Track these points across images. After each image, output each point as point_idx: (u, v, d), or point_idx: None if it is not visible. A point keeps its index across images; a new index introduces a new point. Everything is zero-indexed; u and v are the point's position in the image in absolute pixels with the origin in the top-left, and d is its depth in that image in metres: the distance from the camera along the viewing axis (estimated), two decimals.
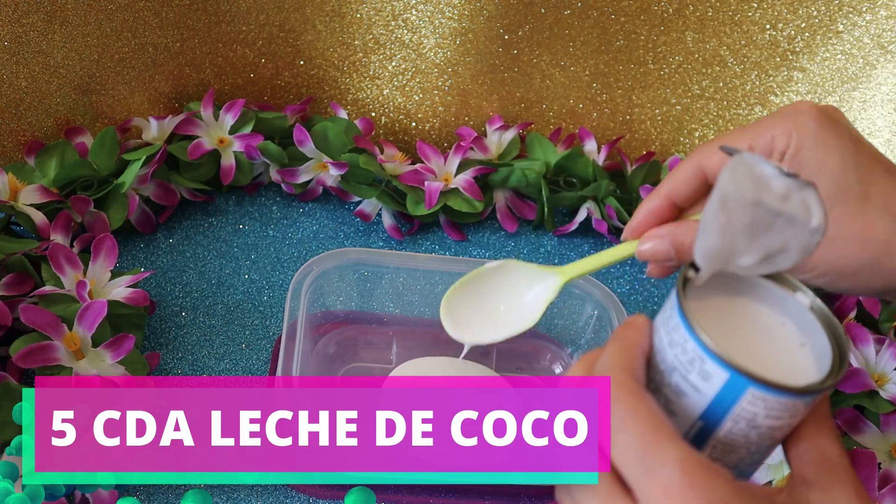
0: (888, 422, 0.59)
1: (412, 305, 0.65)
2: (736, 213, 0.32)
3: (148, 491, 0.54)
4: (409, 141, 0.82)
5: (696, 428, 0.32)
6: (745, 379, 0.30)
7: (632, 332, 0.34)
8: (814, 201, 0.32)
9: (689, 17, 0.75)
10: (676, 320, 0.32)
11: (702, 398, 0.31)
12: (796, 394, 0.30)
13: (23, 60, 0.66)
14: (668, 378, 0.32)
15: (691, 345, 0.31)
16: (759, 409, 0.31)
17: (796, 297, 0.34)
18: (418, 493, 0.56)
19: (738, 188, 0.32)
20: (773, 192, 0.32)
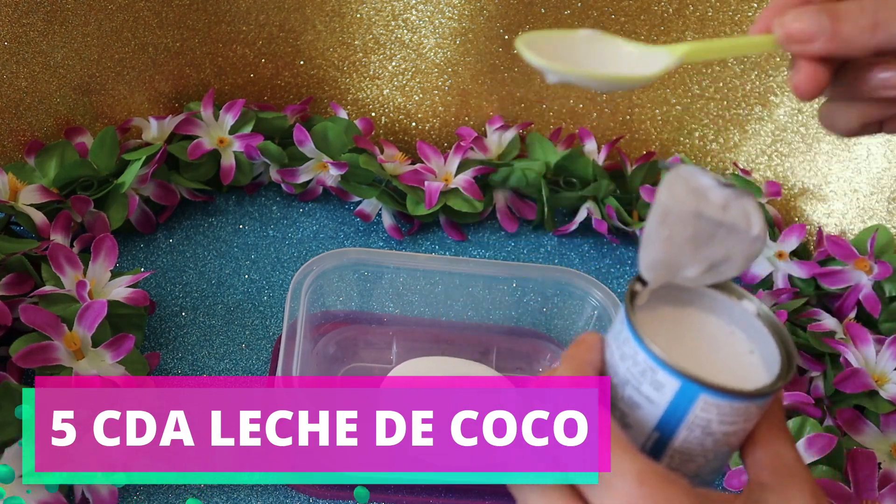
0: (888, 422, 0.59)
1: (412, 305, 0.65)
2: (677, 225, 0.32)
3: (148, 491, 0.54)
4: (409, 141, 0.82)
5: (653, 439, 0.32)
6: (696, 386, 0.30)
7: (582, 351, 0.34)
8: (752, 209, 0.33)
9: (689, 17, 0.75)
10: (626, 334, 0.32)
11: (655, 409, 0.32)
12: (747, 397, 0.31)
13: (23, 60, 0.66)
14: (622, 391, 0.33)
15: (642, 356, 0.31)
16: (712, 416, 0.31)
17: (743, 304, 0.35)
18: (418, 493, 0.56)
19: (677, 201, 0.32)
20: (713, 202, 0.33)
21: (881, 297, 0.69)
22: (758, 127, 0.80)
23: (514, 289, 0.65)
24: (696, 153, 0.83)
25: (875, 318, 0.68)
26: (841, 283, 0.69)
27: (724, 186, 0.33)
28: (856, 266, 0.69)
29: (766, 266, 0.71)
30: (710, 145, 0.82)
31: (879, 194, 0.76)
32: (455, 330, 0.66)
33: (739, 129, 0.81)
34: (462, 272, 0.63)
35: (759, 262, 0.71)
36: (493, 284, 0.65)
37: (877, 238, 0.70)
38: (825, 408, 0.62)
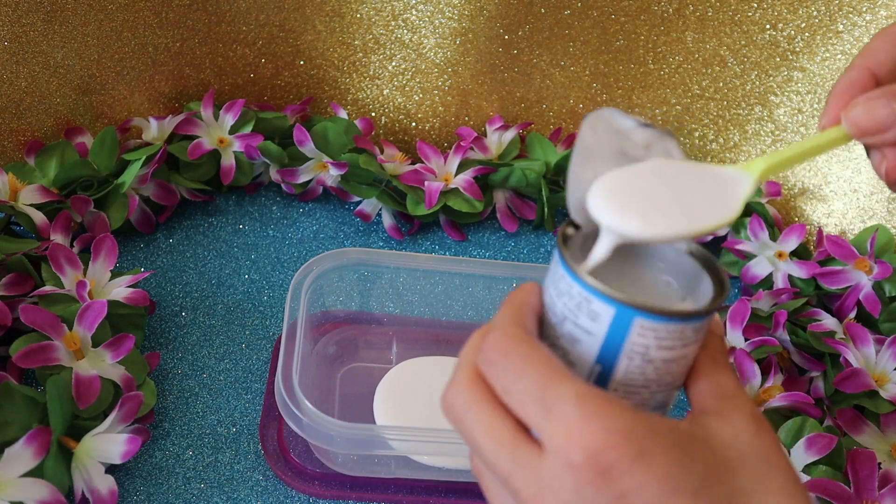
0: (888, 422, 0.59)
1: (412, 305, 0.65)
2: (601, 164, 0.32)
3: (148, 491, 0.54)
4: (409, 141, 0.82)
5: (595, 373, 0.33)
6: (630, 309, 0.31)
7: (520, 294, 0.34)
8: (674, 148, 0.33)
9: (689, 17, 0.75)
10: (561, 271, 0.33)
11: (594, 340, 0.32)
12: (681, 318, 0.31)
13: (23, 60, 0.66)
14: (561, 329, 0.33)
15: (577, 289, 0.32)
16: (649, 341, 0.31)
17: (675, 245, 0.35)
18: (418, 493, 0.56)
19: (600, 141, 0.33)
20: (635, 142, 0.33)
21: (881, 297, 0.69)
22: (758, 127, 0.80)
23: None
24: (696, 153, 0.83)
25: (875, 318, 0.68)
26: (841, 283, 0.69)
27: (645, 126, 0.33)
28: (856, 266, 0.69)
29: (767, 266, 0.71)
30: (710, 145, 0.82)
31: (879, 194, 0.76)
32: (455, 330, 0.66)
33: (739, 129, 0.81)
34: (462, 272, 0.63)
35: (759, 262, 0.71)
36: (493, 284, 0.65)
37: (877, 238, 0.70)
38: (825, 408, 0.62)
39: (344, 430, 0.50)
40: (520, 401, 0.30)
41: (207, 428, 0.58)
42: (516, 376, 0.31)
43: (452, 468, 0.55)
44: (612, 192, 0.32)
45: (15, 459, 0.45)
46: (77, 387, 0.51)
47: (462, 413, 0.32)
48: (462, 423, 0.32)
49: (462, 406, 0.32)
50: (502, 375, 0.31)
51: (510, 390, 0.31)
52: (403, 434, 0.52)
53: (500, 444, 0.31)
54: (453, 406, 0.33)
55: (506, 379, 0.31)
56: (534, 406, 0.30)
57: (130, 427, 0.52)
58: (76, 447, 0.49)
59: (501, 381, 0.31)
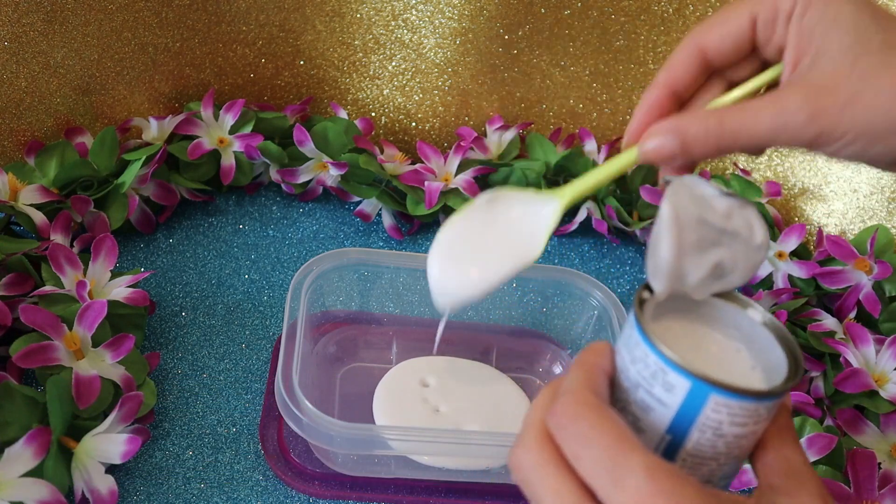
0: (888, 422, 0.59)
1: (412, 305, 0.65)
2: (683, 230, 0.33)
3: (148, 491, 0.54)
4: (409, 141, 0.82)
5: (665, 442, 0.33)
6: (707, 385, 0.31)
7: (592, 356, 0.34)
8: (755, 219, 0.33)
9: (689, 17, 0.75)
10: (636, 337, 0.33)
11: (667, 411, 0.32)
12: (757, 397, 0.31)
13: (23, 60, 0.66)
14: (634, 395, 0.33)
15: (652, 358, 0.32)
16: (723, 417, 0.31)
17: (748, 313, 0.35)
18: (418, 493, 0.56)
19: (682, 208, 0.33)
20: (716, 210, 0.33)
21: (881, 297, 0.69)
22: None
23: (514, 289, 0.65)
24: None
25: (875, 318, 0.68)
26: (841, 283, 0.69)
27: (726, 196, 0.33)
28: (856, 266, 0.69)
29: (766, 266, 0.71)
30: None
31: (879, 194, 0.76)
32: (455, 330, 0.66)
33: None
34: None
35: None
36: None
37: (877, 238, 0.70)
38: (825, 408, 0.62)
39: (344, 430, 0.50)
40: (589, 468, 0.30)
41: (207, 428, 0.58)
42: (586, 443, 0.30)
43: (452, 468, 0.55)
44: (440, 250, 0.41)
45: (15, 459, 0.45)
46: (77, 387, 0.51)
47: (530, 474, 0.32)
48: (529, 485, 0.32)
49: (530, 467, 0.32)
50: (572, 441, 0.31)
51: (580, 456, 0.31)
52: (404, 434, 0.52)
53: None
54: (521, 466, 0.33)
55: (576, 445, 0.31)
56: (603, 475, 0.30)
57: (130, 427, 0.52)
58: (76, 447, 0.49)
59: (571, 446, 0.31)
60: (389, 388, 0.59)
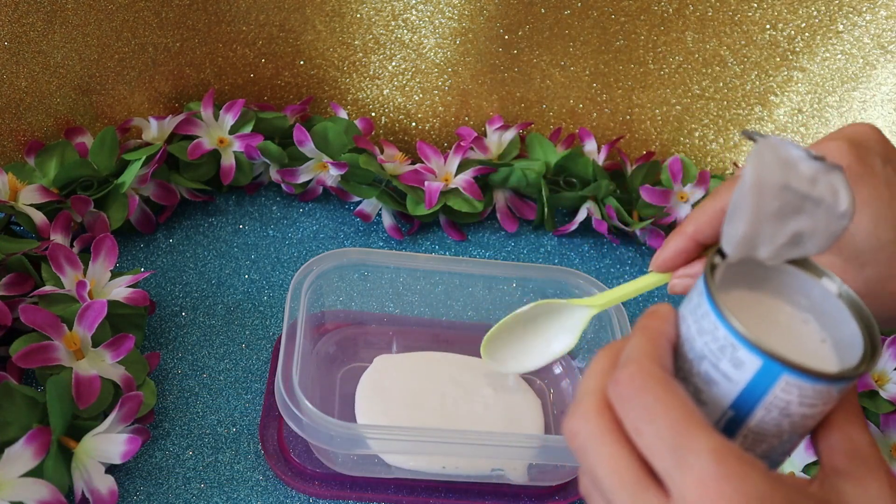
0: (888, 422, 0.59)
1: (412, 305, 0.65)
2: (765, 197, 0.31)
3: (148, 491, 0.54)
4: (409, 141, 0.82)
5: (727, 417, 0.32)
6: (779, 366, 0.29)
7: (657, 322, 0.33)
8: (841, 185, 0.32)
9: (689, 17, 0.75)
10: (706, 308, 0.31)
11: (733, 386, 0.31)
12: (830, 380, 0.30)
13: (23, 60, 0.66)
14: (698, 367, 0.32)
15: (722, 332, 0.30)
16: (792, 397, 0.30)
17: (822, 283, 0.34)
18: (418, 493, 0.56)
19: (766, 172, 0.31)
20: (801, 175, 0.31)
21: None
22: (758, 127, 0.80)
23: (514, 289, 0.65)
24: (696, 153, 0.83)
25: None
26: None
27: (814, 159, 0.31)
28: None
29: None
30: (710, 145, 0.82)
31: None
32: (455, 330, 0.66)
33: (739, 129, 0.81)
34: (462, 272, 0.63)
35: None
36: (493, 284, 0.65)
37: None
38: None
39: (344, 430, 0.50)
40: (651, 444, 0.30)
41: (207, 428, 0.58)
42: (650, 417, 0.30)
43: (452, 468, 0.55)
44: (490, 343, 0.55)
45: (15, 459, 0.45)
46: (77, 387, 0.51)
47: (586, 442, 0.31)
48: (585, 453, 0.31)
49: (587, 436, 0.31)
50: (634, 414, 0.30)
51: (642, 431, 0.30)
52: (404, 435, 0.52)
53: (622, 483, 0.30)
54: (578, 434, 0.32)
55: (638, 418, 0.30)
56: (665, 452, 0.29)
57: (130, 427, 0.52)
58: (76, 447, 0.49)
59: (633, 419, 0.30)
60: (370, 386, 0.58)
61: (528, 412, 0.58)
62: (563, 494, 0.57)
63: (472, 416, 0.57)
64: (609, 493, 0.31)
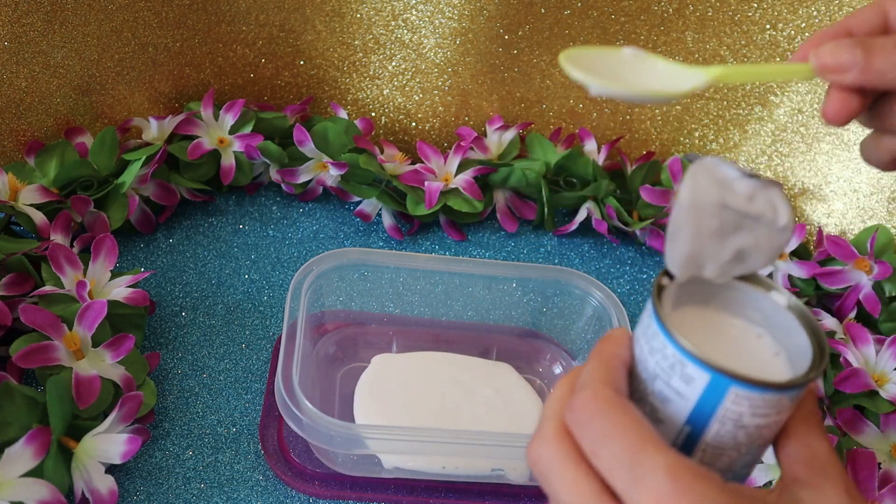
0: (888, 422, 0.59)
1: (412, 305, 0.65)
2: (703, 217, 0.32)
3: (148, 491, 0.54)
4: (409, 141, 0.82)
5: (684, 434, 0.32)
6: (726, 378, 0.30)
7: (611, 345, 0.34)
8: (779, 200, 0.32)
9: (689, 17, 0.75)
10: (654, 328, 0.32)
11: (686, 402, 0.31)
12: (778, 389, 0.30)
13: (23, 60, 0.66)
14: (651, 386, 0.33)
15: (671, 350, 0.31)
16: (743, 409, 0.31)
17: (771, 296, 0.35)
18: (418, 493, 0.56)
19: (702, 193, 0.32)
20: (738, 193, 0.32)
21: (881, 297, 0.69)
22: (758, 127, 0.80)
23: (514, 289, 0.65)
24: (695, 153, 0.83)
25: (875, 318, 0.68)
26: (841, 283, 0.69)
27: (748, 177, 0.32)
28: (856, 266, 0.69)
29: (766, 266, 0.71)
30: (710, 145, 0.82)
31: (879, 194, 0.76)
32: (455, 330, 0.66)
33: (739, 129, 0.81)
34: (462, 272, 0.63)
35: None
36: (493, 284, 0.65)
37: (877, 238, 0.70)
38: (825, 408, 0.62)
39: (344, 430, 0.50)
40: (608, 466, 0.30)
41: (207, 428, 0.58)
42: (605, 440, 0.30)
43: (452, 468, 0.55)
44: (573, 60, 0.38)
45: (15, 459, 0.45)
46: (77, 387, 0.51)
47: (548, 468, 0.32)
48: (547, 479, 0.32)
49: (548, 462, 0.32)
50: (591, 438, 0.31)
51: (599, 454, 0.30)
52: (405, 435, 0.52)
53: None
54: (539, 460, 0.32)
55: (595, 442, 0.31)
56: (622, 473, 0.29)
57: (130, 427, 0.52)
58: (76, 447, 0.49)
59: (590, 443, 0.31)
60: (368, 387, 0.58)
61: (530, 412, 0.58)
62: None
63: (473, 417, 0.57)
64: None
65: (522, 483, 0.56)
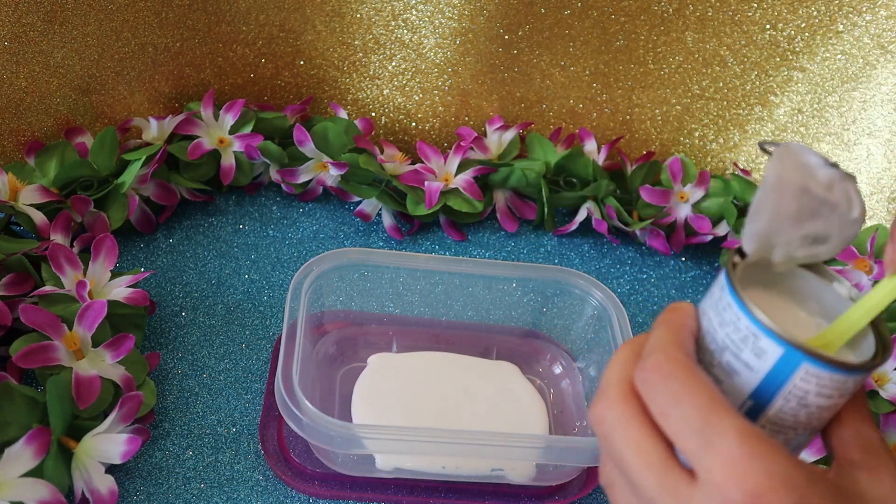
0: (888, 422, 0.59)
1: (412, 305, 0.65)
2: (785, 198, 0.32)
3: (148, 491, 0.54)
4: (409, 141, 0.82)
5: (745, 408, 0.33)
6: (800, 354, 0.30)
7: (678, 316, 0.34)
8: (854, 193, 0.33)
9: (689, 17, 0.75)
10: (728, 300, 0.33)
11: (754, 375, 0.32)
12: (848, 370, 0.31)
13: (23, 60, 0.66)
14: (719, 358, 0.33)
15: (744, 322, 0.32)
16: (811, 387, 0.31)
17: (834, 287, 0.35)
18: (418, 493, 0.56)
19: (787, 174, 0.32)
20: (819, 180, 0.33)
21: None
22: (758, 127, 0.80)
23: (514, 289, 0.65)
24: (696, 153, 0.83)
25: None
26: None
27: (830, 166, 0.33)
28: (856, 266, 0.69)
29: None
30: (710, 145, 0.82)
31: (879, 194, 0.76)
32: (455, 330, 0.66)
33: (739, 129, 0.81)
34: (462, 272, 0.63)
35: None
36: (493, 284, 0.65)
37: (877, 238, 0.70)
38: None
39: (344, 430, 0.50)
40: (677, 427, 0.30)
41: (207, 428, 0.58)
42: (676, 401, 0.30)
43: (453, 469, 0.55)
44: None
45: (15, 459, 0.45)
46: (77, 387, 0.51)
47: (612, 428, 0.32)
48: (611, 439, 0.32)
49: (613, 421, 0.32)
50: (661, 398, 0.31)
51: (669, 415, 0.31)
52: (405, 435, 0.52)
53: (649, 466, 0.31)
54: (604, 420, 0.33)
55: (665, 402, 0.31)
56: (692, 435, 0.30)
57: (130, 427, 0.52)
58: (76, 447, 0.49)
59: (660, 403, 0.31)
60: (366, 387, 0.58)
61: (532, 412, 0.58)
62: (562, 494, 0.57)
63: (474, 417, 0.57)
64: (635, 476, 0.31)
65: (522, 483, 0.56)
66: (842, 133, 0.77)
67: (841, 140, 0.77)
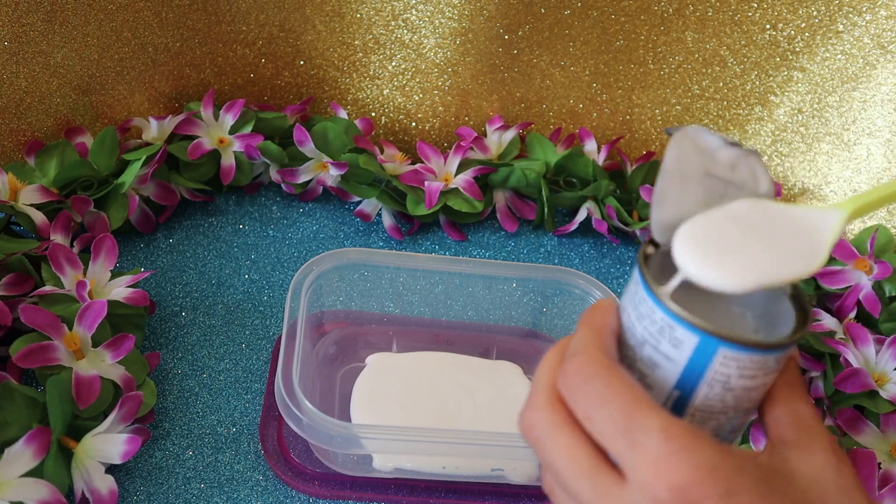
0: (888, 422, 0.59)
1: (412, 305, 0.65)
2: (688, 184, 0.32)
3: (148, 491, 0.54)
4: (409, 141, 0.82)
5: (673, 398, 0.32)
6: (715, 340, 0.30)
7: (599, 314, 0.34)
8: (759, 168, 0.33)
9: (689, 17, 0.75)
10: (642, 293, 0.32)
11: (675, 366, 0.32)
12: (766, 349, 0.31)
13: (23, 60, 0.66)
14: (640, 352, 0.33)
15: (659, 314, 0.31)
16: (731, 370, 0.31)
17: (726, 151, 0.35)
18: (418, 493, 0.56)
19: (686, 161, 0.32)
20: (721, 162, 0.32)
21: (881, 297, 0.69)
22: (758, 127, 0.80)
23: (514, 289, 0.65)
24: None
25: (875, 318, 0.68)
26: (841, 283, 0.69)
27: (731, 145, 0.32)
28: (856, 266, 0.69)
29: None
30: None
31: None
32: (455, 330, 0.66)
33: (739, 129, 0.81)
34: (462, 272, 0.63)
35: None
36: (493, 284, 0.65)
37: (877, 238, 0.70)
38: (825, 408, 0.62)
39: (343, 430, 0.50)
40: (602, 429, 0.30)
41: (207, 428, 0.58)
42: (599, 403, 0.30)
43: (452, 469, 0.55)
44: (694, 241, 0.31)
45: (15, 459, 0.45)
46: (77, 387, 0.51)
47: (541, 435, 0.32)
48: (541, 446, 0.32)
49: (542, 429, 0.32)
50: (584, 401, 0.31)
51: (593, 417, 0.31)
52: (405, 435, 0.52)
53: (580, 470, 0.31)
54: (532, 428, 0.33)
55: (588, 405, 0.31)
56: (617, 435, 0.30)
57: (130, 427, 0.52)
58: (76, 447, 0.49)
59: (583, 407, 0.31)
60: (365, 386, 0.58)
61: None
62: None
63: (474, 417, 0.57)
64: (569, 482, 0.31)
65: (522, 483, 0.56)
66: (842, 133, 0.77)
67: (841, 140, 0.77)
